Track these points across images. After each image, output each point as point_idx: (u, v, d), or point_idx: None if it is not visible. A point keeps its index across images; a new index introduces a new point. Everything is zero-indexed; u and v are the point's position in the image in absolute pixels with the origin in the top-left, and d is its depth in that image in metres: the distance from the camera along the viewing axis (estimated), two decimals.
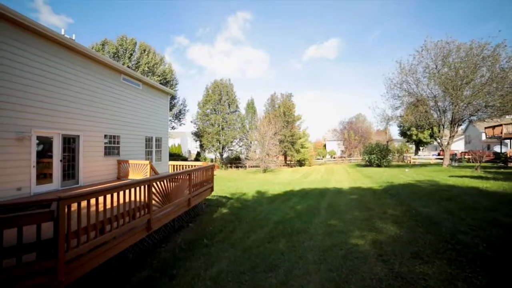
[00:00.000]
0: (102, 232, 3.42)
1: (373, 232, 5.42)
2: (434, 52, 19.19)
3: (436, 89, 20.10)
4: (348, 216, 6.96)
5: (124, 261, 4.46)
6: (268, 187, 14.39)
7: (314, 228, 6.12)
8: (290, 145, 35.66)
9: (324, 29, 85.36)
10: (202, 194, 7.59)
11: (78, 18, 60.32)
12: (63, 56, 8.02)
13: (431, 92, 20.52)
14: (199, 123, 35.05)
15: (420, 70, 20.33)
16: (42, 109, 7.33)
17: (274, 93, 38.96)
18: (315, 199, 10.24)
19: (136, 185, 4.11)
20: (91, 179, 9.03)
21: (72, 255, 2.85)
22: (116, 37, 26.70)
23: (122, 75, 10.90)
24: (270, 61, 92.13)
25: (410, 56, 21.03)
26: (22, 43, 6.79)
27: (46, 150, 7.63)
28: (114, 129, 10.36)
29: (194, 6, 74.65)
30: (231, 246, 5.23)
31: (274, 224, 6.69)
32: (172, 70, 30.44)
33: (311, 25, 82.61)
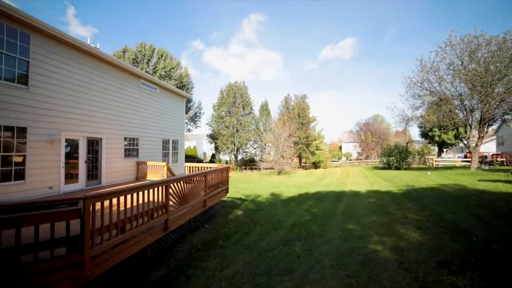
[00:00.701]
0: (123, 230, 3.56)
1: (393, 237, 5.22)
2: (460, 47, 18.07)
3: (461, 87, 18.94)
4: (366, 220, 6.74)
5: (143, 259, 4.60)
6: (282, 189, 14.29)
7: (331, 232, 5.98)
8: (305, 147, 35.22)
9: (339, 28, 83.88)
10: (217, 196, 7.69)
11: (102, 28, 63.76)
12: (89, 64, 8.49)
13: (456, 90, 19.38)
14: (214, 125, 35.58)
15: (443, 67, 19.29)
16: (70, 113, 7.80)
17: (288, 94, 38.80)
18: (331, 202, 10.03)
19: (154, 186, 4.24)
20: (112, 179, 9.43)
21: (96, 251, 2.99)
22: (136, 44, 27.87)
23: (141, 80, 11.33)
24: (284, 62, 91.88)
25: (432, 53, 19.85)
26: (55, 54, 7.31)
27: (72, 152, 8.08)
28: (134, 132, 10.78)
29: (208, 11, 76.32)
30: (246, 248, 5.24)
31: (289, 227, 6.62)
32: (188, 74, 31.20)
33: (326, 25, 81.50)
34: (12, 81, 6.29)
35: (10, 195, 6.13)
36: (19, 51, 6.40)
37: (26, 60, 6.56)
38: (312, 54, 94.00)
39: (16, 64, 6.37)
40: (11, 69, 6.26)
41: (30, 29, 6.63)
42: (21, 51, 6.44)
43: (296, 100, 37.81)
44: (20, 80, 6.47)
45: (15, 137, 6.32)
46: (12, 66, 6.27)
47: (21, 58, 6.44)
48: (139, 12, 68.35)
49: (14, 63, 6.32)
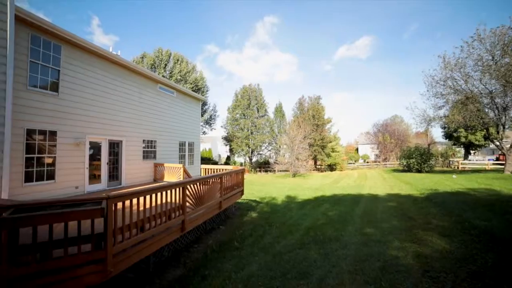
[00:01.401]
0: (142, 230, 3.68)
1: (416, 244, 4.98)
2: (491, 41, 16.68)
3: (492, 83, 17.55)
4: (386, 225, 6.49)
5: (160, 258, 4.72)
6: (298, 192, 14.13)
7: (348, 236, 5.82)
8: (320, 149, 34.62)
9: (355, 27, 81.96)
10: (232, 198, 7.75)
11: (123, 36, 67.03)
12: (111, 70, 8.94)
13: (486, 87, 18.02)
14: (228, 127, 35.95)
15: (471, 63, 17.96)
16: (94, 117, 8.24)
17: (302, 96, 38.40)
18: (348, 205, 9.77)
19: (172, 187, 4.35)
20: (131, 180, 9.80)
21: (118, 249, 3.12)
22: (153, 50, 28.94)
23: (159, 84, 11.72)
24: (299, 64, 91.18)
25: (457, 49, 18.59)
26: (81, 62, 7.82)
27: (95, 154, 8.50)
28: (151, 135, 11.15)
29: (223, 15, 77.63)
30: (261, 250, 5.23)
31: (305, 230, 6.53)
32: (203, 77, 31.87)
33: (341, 24, 79.95)
34: (45, 89, 6.83)
35: (42, 194, 6.59)
36: (52, 61, 6.93)
37: (57, 69, 7.08)
38: (327, 54, 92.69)
39: (49, 73, 6.91)
40: (45, 77, 6.81)
41: (62, 40, 7.18)
42: (54, 61, 6.98)
43: (310, 102, 37.33)
44: (52, 87, 6.98)
45: (47, 140, 6.79)
46: (45, 75, 6.81)
47: (53, 68, 6.97)
48: (156, 20, 71.06)
49: (48, 72, 6.87)
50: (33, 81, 6.53)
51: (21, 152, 6.19)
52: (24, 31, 6.25)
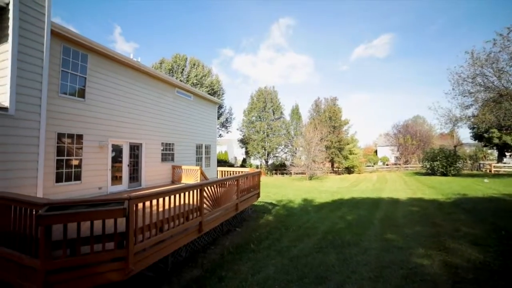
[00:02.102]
0: (162, 230, 3.78)
1: (443, 252, 4.68)
2: None
3: None
4: (408, 231, 6.19)
5: (178, 258, 4.82)
6: (314, 195, 13.88)
7: (368, 241, 5.61)
8: (337, 151, 33.85)
9: (373, 26, 79.36)
10: (249, 200, 7.76)
11: (142, 43, 70.15)
12: (132, 76, 9.37)
13: None
14: (244, 130, 36.21)
15: (505, 57, 16.48)
16: (116, 121, 8.65)
17: (318, 98, 37.85)
18: (367, 209, 9.44)
19: (189, 189, 4.45)
20: (151, 182, 10.13)
21: (139, 248, 3.23)
22: (171, 55, 29.94)
23: (176, 89, 12.08)
24: (314, 65, 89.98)
25: (488, 43, 17.22)
26: (105, 69, 8.27)
27: (117, 156, 8.90)
28: (170, 137, 11.49)
29: (238, 19, 78.57)
30: (277, 253, 5.18)
31: (322, 234, 6.39)
32: (219, 81, 32.40)
33: (358, 23, 77.76)
34: (74, 95, 7.31)
35: (70, 193, 7.01)
36: (80, 70, 7.42)
37: (84, 77, 7.56)
38: (344, 54, 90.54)
39: (77, 81, 7.39)
40: (73, 85, 7.30)
41: (89, 50, 7.67)
42: (81, 69, 7.47)
43: (326, 103, 36.71)
44: (80, 94, 7.45)
45: (74, 143, 7.23)
46: (74, 83, 7.31)
47: (81, 75, 7.46)
48: (174, 27, 73.55)
49: (76, 79, 7.36)
50: (64, 88, 7.02)
51: (53, 154, 6.64)
52: (57, 43, 6.75)
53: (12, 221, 3.08)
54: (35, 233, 2.77)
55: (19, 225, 3.00)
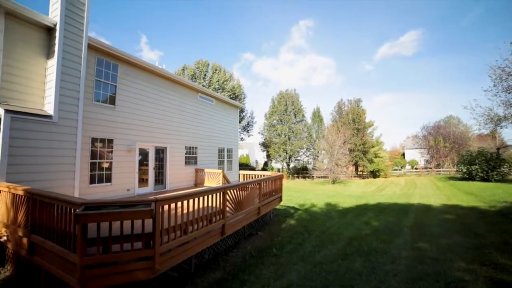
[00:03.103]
0: (186, 232, 3.87)
1: (490, 268, 4.21)
2: None
3: None
4: (444, 241, 5.72)
5: (201, 260, 4.89)
6: (338, 199, 13.42)
7: (397, 249, 5.28)
8: (362, 155, 32.53)
9: (398, 22, 75.26)
10: (271, 204, 7.70)
11: (166, 50, 73.68)
12: (157, 83, 9.83)
13: None
14: (266, 133, 36.23)
15: None
16: (143, 126, 9.11)
17: (341, 100, 36.84)
18: (395, 215, 8.91)
19: (213, 192, 4.51)
20: (175, 184, 10.48)
21: (164, 249, 3.33)
22: (194, 61, 31.05)
23: (199, 94, 12.45)
24: (336, 66, 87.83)
25: None
26: (133, 77, 8.79)
27: (143, 160, 9.34)
28: (193, 141, 11.84)
29: (258, 24, 79.43)
30: (300, 259, 5.05)
31: (347, 240, 6.13)
32: (240, 85, 32.89)
33: (382, 21, 74.33)
34: (105, 102, 7.85)
35: (102, 194, 7.48)
36: (111, 78, 7.96)
37: (115, 85, 8.09)
38: (367, 54, 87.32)
39: (108, 89, 7.91)
40: (105, 93, 7.85)
41: (119, 60, 8.22)
42: (112, 78, 8.02)
43: (350, 105, 35.58)
44: (110, 101, 7.98)
45: (106, 147, 7.72)
46: (106, 91, 7.85)
47: (111, 84, 8.00)
48: (196, 34, 76.28)
49: (107, 88, 7.90)
50: (97, 96, 7.57)
51: (87, 157, 7.16)
52: (92, 55, 7.32)
53: (55, 218, 3.34)
54: (73, 230, 2.97)
55: (61, 222, 3.25)
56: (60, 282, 3.37)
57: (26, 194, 3.90)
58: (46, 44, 6.14)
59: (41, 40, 6.07)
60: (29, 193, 3.83)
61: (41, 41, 6.07)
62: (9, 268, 4.45)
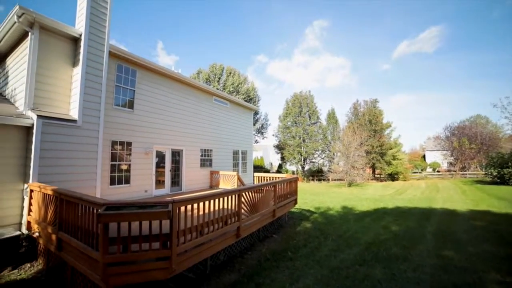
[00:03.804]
0: (202, 233, 3.92)
1: None
2: None
3: None
4: (473, 249, 5.38)
5: (217, 262, 4.93)
6: (354, 202, 13.05)
7: (419, 256, 5.04)
8: (379, 157, 31.50)
9: (418, 19, 72.32)
10: (286, 206, 7.63)
11: (182, 55, 75.81)
12: (173, 87, 10.11)
13: None
14: (280, 136, 36.10)
15: None
16: (159, 129, 9.37)
17: (356, 100, 36.01)
18: (416, 220, 8.52)
19: (228, 194, 4.54)
20: (190, 186, 10.67)
21: (181, 249, 3.39)
22: (208, 65, 31.63)
23: (214, 97, 12.64)
24: (352, 66, 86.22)
25: None
26: (150, 82, 9.08)
27: (160, 162, 9.59)
28: (208, 144, 12.01)
29: (271, 26, 79.69)
30: (316, 263, 4.96)
31: (365, 245, 5.94)
32: (254, 87, 33.05)
33: (400, 18, 71.86)
34: (125, 107, 8.17)
35: (121, 195, 7.76)
36: (130, 84, 8.28)
37: (133, 90, 8.40)
38: (384, 53, 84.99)
39: (127, 94, 8.24)
40: (124, 97, 8.17)
41: (137, 65, 8.54)
42: (131, 83, 8.34)
43: (366, 106, 34.67)
44: (129, 105, 8.29)
45: (125, 150, 8.02)
46: (125, 95, 8.18)
47: (130, 89, 8.32)
48: (210, 37, 77.99)
49: (126, 93, 8.22)
50: (117, 101, 7.90)
51: (108, 159, 7.47)
52: (113, 62, 7.67)
53: (79, 217, 3.51)
54: (96, 229, 3.10)
55: (85, 221, 3.41)
56: (84, 278, 3.53)
57: (54, 194, 4.14)
58: (72, 54, 6.52)
59: (68, 50, 6.45)
60: (57, 192, 4.07)
61: (68, 50, 6.45)
62: (40, 261, 4.74)
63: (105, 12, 6.76)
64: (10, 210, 5.30)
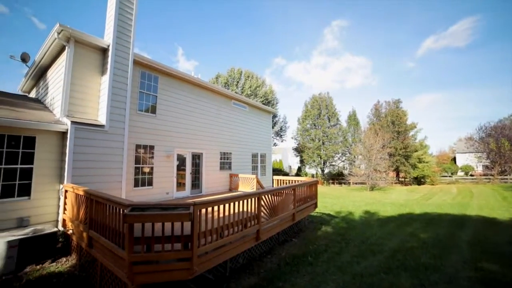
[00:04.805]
0: (221, 236, 3.95)
1: None
2: None
3: None
4: None
5: (236, 264, 4.94)
6: (377, 207, 12.49)
7: (453, 267, 4.68)
8: (403, 159, 29.94)
9: (446, 11, 66.78)
10: (305, 210, 7.49)
11: (201, 60, 78.09)
12: (193, 92, 10.41)
13: None
14: (299, 138, 35.65)
15: None
16: (180, 133, 9.67)
17: (378, 101, 34.69)
18: (448, 228, 7.96)
19: (248, 197, 4.56)
20: (210, 189, 10.85)
21: (201, 251, 3.44)
22: (226, 70, 32.18)
23: (233, 101, 12.82)
24: (373, 66, 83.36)
25: None
26: (171, 87, 9.43)
27: (180, 165, 9.87)
28: (227, 147, 12.17)
29: (289, 28, 79.44)
30: (338, 269, 4.79)
31: (390, 252, 5.64)
32: (272, 90, 33.01)
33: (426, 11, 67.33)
34: (148, 112, 8.54)
35: (144, 197, 8.08)
36: (152, 90, 8.66)
37: (155, 95, 8.77)
38: (409, 50, 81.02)
39: (150, 99, 8.62)
40: (147, 103, 8.54)
41: (159, 72, 8.92)
42: (153, 89, 8.72)
43: (388, 107, 33.24)
44: (152, 110, 8.66)
45: (147, 153, 8.37)
46: (148, 101, 8.55)
47: (153, 94, 8.68)
48: (228, 42, 79.50)
49: (149, 98, 8.60)
50: (141, 106, 8.29)
51: (132, 162, 7.83)
52: (136, 70, 8.08)
53: (107, 217, 3.71)
54: (122, 228, 3.26)
55: (112, 220, 3.59)
56: (112, 275, 3.71)
57: (85, 194, 4.42)
58: (100, 63, 6.98)
59: (97, 60, 6.93)
60: (87, 193, 4.33)
61: (97, 60, 6.93)
62: (74, 257, 5.07)
63: (130, 23, 7.18)
64: (49, 208, 5.80)
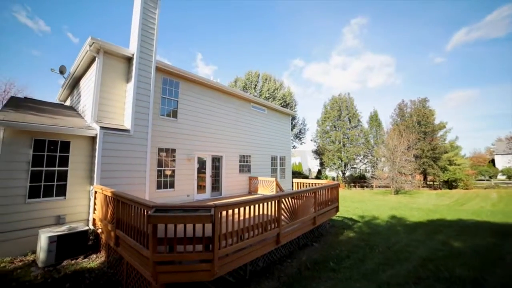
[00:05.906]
0: (242, 238, 3.95)
1: None
2: None
3: None
4: None
5: (256, 267, 4.91)
6: (403, 212, 11.83)
7: (496, 283, 4.26)
8: (431, 162, 28.17)
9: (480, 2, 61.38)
10: (327, 214, 7.29)
11: (220, 64, 79.75)
12: (213, 96, 10.63)
13: None
14: (319, 141, 35.00)
15: None
16: (201, 136, 9.90)
17: (402, 101, 33.14)
18: (487, 236, 7.31)
19: (268, 200, 4.52)
20: (230, 192, 10.94)
21: (222, 253, 3.47)
22: (244, 73, 32.47)
23: (251, 103, 12.89)
24: (397, 63, 79.65)
25: None
26: (192, 92, 9.71)
27: (201, 168, 10.07)
28: (246, 150, 12.23)
29: (306, 29, 78.35)
30: (362, 276, 4.58)
31: (420, 261, 5.30)
32: (290, 92, 32.79)
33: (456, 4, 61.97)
34: (169, 116, 8.85)
35: (166, 199, 8.35)
36: (173, 95, 8.97)
37: (176, 100, 9.07)
38: (437, 45, 75.91)
39: (172, 104, 8.93)
40: (169, 107, 8.85)
41: (180, 77, 9.23)
42: (175, 94, 9.03)
43: (413, 106, 31.58)
44: (173, 114, 8.96)
45: (169, 156, 8.65)
46: (169, 106, 8.87)
47: (174, 99, 8.99)
48: (246, 45, 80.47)
49: (171, 103, 8.91)
50: (163, 111, 8.62)
51: (155, 165, 8.14)
52: (159, 76, 8.43)
53: (132, 217, 3.87)
54: (146, 229, 3.37)
55: (137, 221, 3.74)
56: (137, 273, 3.85)
57: (113, 196, 4.65)
58: (126, 71, 7.39)
59: (123, 68, 7.34)
60: (115, 194, 4.56)
61: (123, 69, 7.34)
62: (103, 254, 5.36)
63: (153, 32, 7.53)
64: (81, 207, 6.20)
